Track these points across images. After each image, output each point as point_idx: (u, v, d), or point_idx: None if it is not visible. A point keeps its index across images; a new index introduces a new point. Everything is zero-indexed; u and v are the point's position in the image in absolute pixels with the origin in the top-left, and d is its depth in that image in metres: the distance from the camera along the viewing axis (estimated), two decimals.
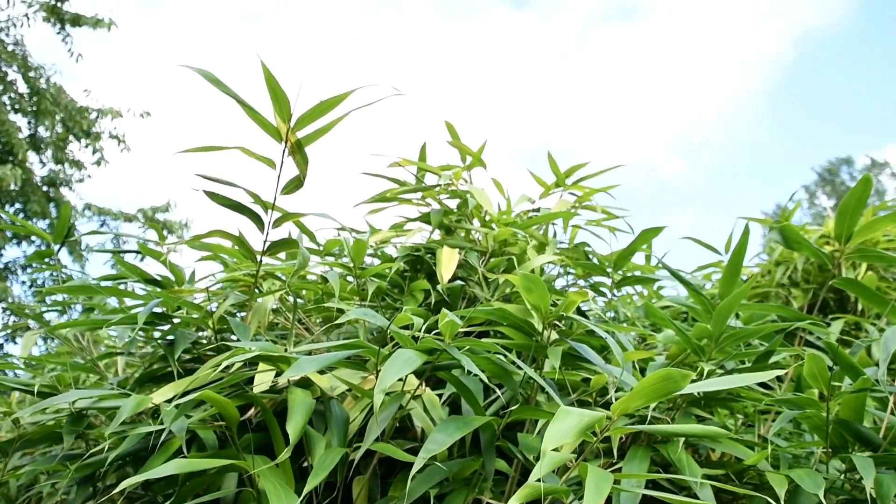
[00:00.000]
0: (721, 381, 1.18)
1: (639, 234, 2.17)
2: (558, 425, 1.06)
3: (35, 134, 11.90)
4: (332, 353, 1.35)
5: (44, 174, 11.97)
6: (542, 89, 33.14)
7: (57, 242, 2.57)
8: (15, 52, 11.51)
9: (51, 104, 11.40)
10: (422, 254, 2.04)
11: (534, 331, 1.59)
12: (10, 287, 10.81)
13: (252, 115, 1.57)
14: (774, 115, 38.56)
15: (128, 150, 12.06)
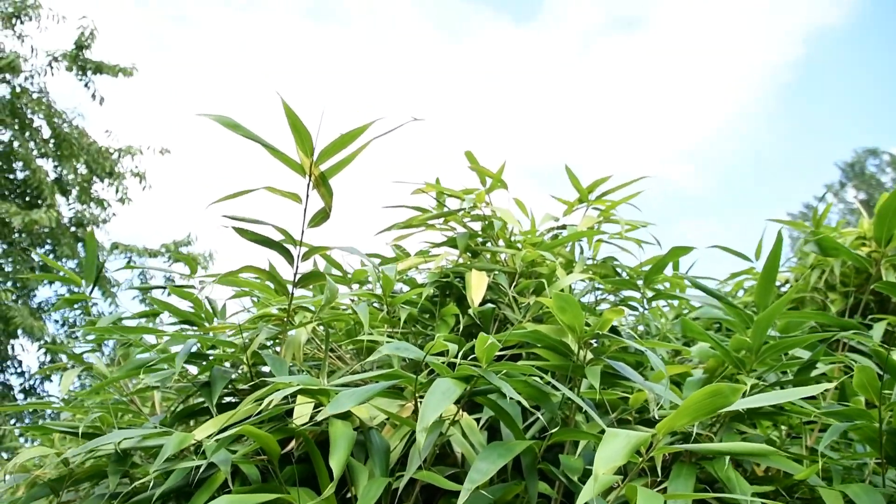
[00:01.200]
0: (769, 396, 1.17)
1: (668, 251, 2.16)
2: (608, 448, 1.06)
3: (61, 177, 12.13)
4: (371, 385, 1.35)
5: (71, 215, 12.17)
6: (547, 104, 33.12)
7: (88, 283, 2.58)
8: (40, 99, 11.76)
9: (75, 148, 11.61)
10: (450, 279, 2.05)
11: (569, 351, 1.59)
12: (45, 325, 10.95)
13: (275, 153, 1.59)
14: (786, 117, 38.15)
15: (149, 188, 12.24)
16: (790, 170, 20.92)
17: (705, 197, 33.82)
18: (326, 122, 1.57)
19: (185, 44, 22.73)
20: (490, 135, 7.17)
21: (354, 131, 1.54)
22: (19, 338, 11.88)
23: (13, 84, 11.66)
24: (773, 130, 36.93)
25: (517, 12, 36.95)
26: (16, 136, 11.70)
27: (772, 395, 1.18)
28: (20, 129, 11.66)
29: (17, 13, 11.64)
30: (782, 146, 35.82)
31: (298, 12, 26.20)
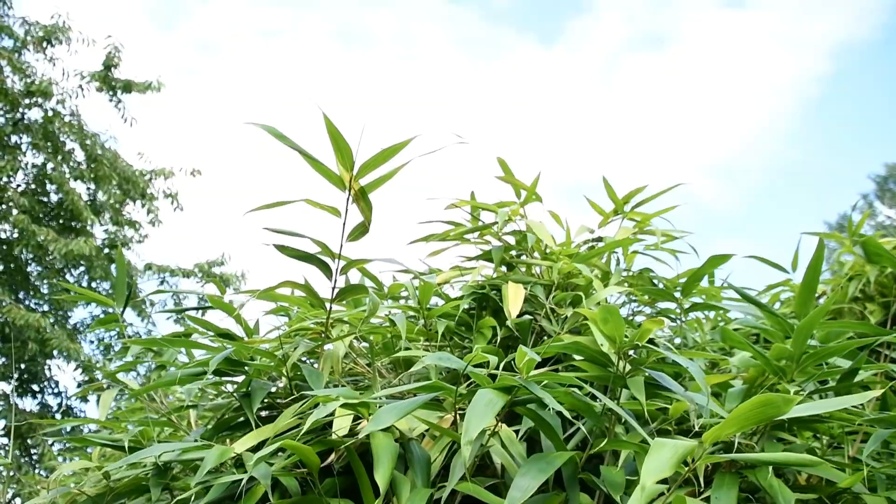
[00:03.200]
0: (818, 404, 1.16)
1: (706, 260, 2.14)
2: (655, 458, 1.06)
3: (94, 199, 12.34)
4: (412, 399, 1.36)
5: (104, 237, 12.37)
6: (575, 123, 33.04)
7: (119, 304, 2.60)
8: (71, 122, 12.00)
9: (108, 169, 11.82)
10: (486, 291, 2.05)
11: (608, 361, 1.58)
12: (81, 346, 11.11)
13: (315, 165, 1.61)
14: (814, 133, 37.68)
15: (181, 209, 12.41)
16: (819, 186, 20.66)
17: (734, 214, 33.47)
18: (360, 139, 1.59)
19: (212, 69, 23.05)
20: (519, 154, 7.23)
21: (396, 146, 1.56)
22: (55, 358, 12.06)
23: (46, 108, 11.92)
24: (801, 146, 36.56)
25: (541, 33, 37.05)
26: (49, 159, 11.94)
27: (820, 404, 1.17)
28: (53, 153, 11.90)
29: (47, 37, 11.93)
30: (811, 162, 35.36)
31: (326, 37, 26.48)
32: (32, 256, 12.05)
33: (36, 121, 11.93)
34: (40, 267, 12.42)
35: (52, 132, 11.81)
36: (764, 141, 35.91)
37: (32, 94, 11.53)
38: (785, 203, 37.17)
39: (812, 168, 36.51)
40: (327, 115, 1.52)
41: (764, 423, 1.15)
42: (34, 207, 11.78)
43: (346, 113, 1.56)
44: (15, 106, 11.71)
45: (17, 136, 12.00)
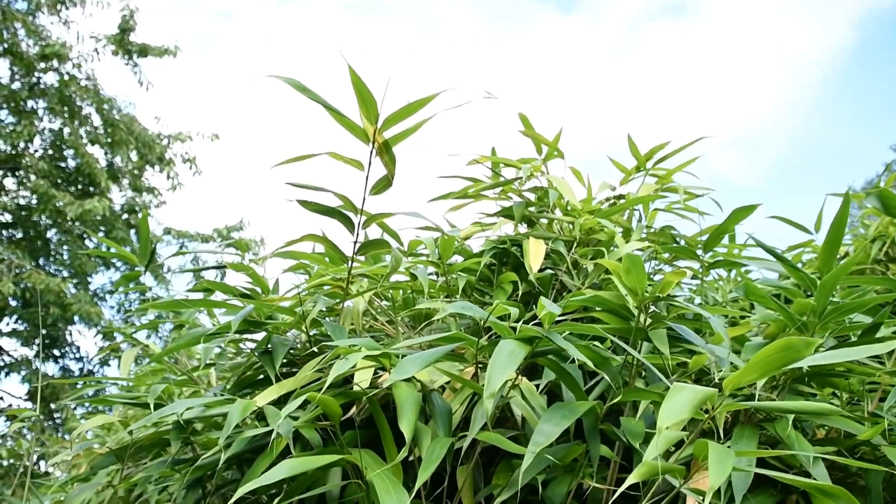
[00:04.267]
0: (839, 353, 1.14)
1: (729, 214, 2.11)
2: (673, 401, 1.05)
3: (112, 164, 12.37)
4: (434, 349, 1.36)
5: (123, 202, 12.42)
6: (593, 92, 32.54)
7: (142, 263, 2.62)
8: (87, 86, 11.99)
9: (125, 134, 11.83)
10: (507, 246, 2.04)
11: (630, 314, 1.57)
12: (101, 311, 11.22)
13: (339, 118, 1.60)
14: (837, 104, 36.97)
15: (199, 174, 12.42)
16: (842, 159, 20.37)
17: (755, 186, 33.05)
18: (384, 93, 1.57)
19: (228, 35, 22.98)
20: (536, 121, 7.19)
21: (422, 100, 1.54)
22: (76, 324, 12.21)
23: (61, 72, 11.91)
24: (823, 118, 35.90)
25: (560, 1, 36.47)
26: (66, 124, 11.96)
27: (842, 352, 1.15)
28: (70, 118, 11.92)
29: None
30: (833, 134, 34.76)
31: (344, 5, 26.29)
32: (52, 222, 12.15)
33: (52, 85, 11.94)
34: (60, 233, 12.52)
35: (69, 96, 11.82)
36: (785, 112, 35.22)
37: (47, 57, 11.51)
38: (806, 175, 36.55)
39: (834, 140, 35.84)
40: (351, 66, 1.51)
41: (784, 370, 1.13)
42: (52, 172, 11.84)
43: (364, 76, 1.55)
44: (30, 70, 11.72)
45: (34, 101, 12.03)
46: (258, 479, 1.23)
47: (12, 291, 10.40)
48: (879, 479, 1.42)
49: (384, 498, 1.21)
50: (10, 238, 12.12)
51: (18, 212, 12.02)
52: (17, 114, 11.78)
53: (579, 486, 1.57)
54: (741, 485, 1.35)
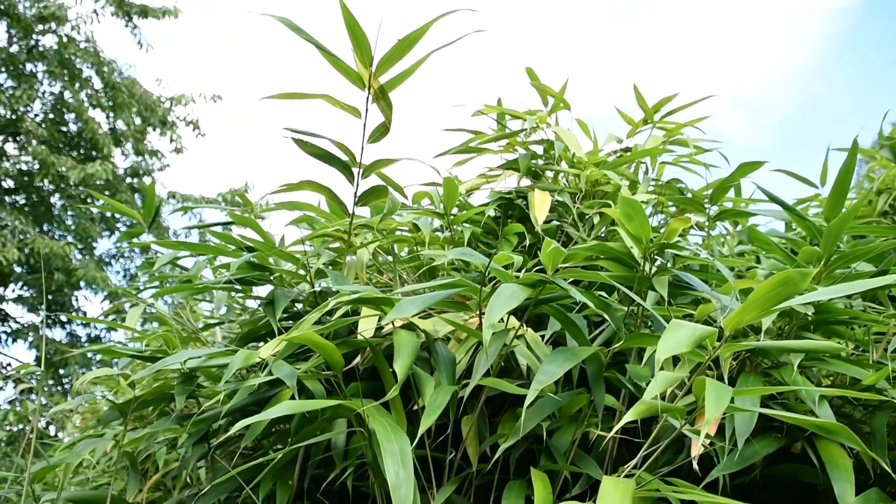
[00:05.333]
0: (840, 287, 1.12)
1: (736, 168, 2.09)
2: (671, 336, 1.03)
3: (114, 128, 12.31)
4: (435, 292, 1.34)
5: (126, 166, 12.37)
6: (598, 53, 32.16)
7: (146, 221, 2.61)
8: (87, 48, 11.88)
9: (127, 97, 11.75)
10: (513, 197, 2.02)
11: (634, 263, 1.55)
12: (107, 276, 11.25)
13: (333, 61, 1.56)
14: (841, 66, 36.58)
15: (202, 136, 12.36)
16: (846, 120, 20.06)
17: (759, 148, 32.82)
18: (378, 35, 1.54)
19: None
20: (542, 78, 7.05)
21: (414, 34, 1.50)
22: (82, 289, 12.23)
23: (60, 34, 11.79)
24: (827, 79, 35.56)
25: None
26: (66, 87, 11.87)
27: (843, 287, 1.13)
28: (70, 80, 11.83)
29: None
30: (837, 96, 34.41)
31: None
32: (54, 188, 12.12)
33: (50, 48, 11.83)
34: (63, 198, 12.50)
35: (68, 59, 11.72)
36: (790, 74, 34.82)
37: (45, 19, 11.38)
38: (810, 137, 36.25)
39: (838, 101, 35.47)
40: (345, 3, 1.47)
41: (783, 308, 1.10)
42: (53, 137, 11.78)
43: (362, 24, 1.50)
44: (28, 32, 11.60)
45: (33, 65, 11.93)
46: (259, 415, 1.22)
47: (17, 257, 10.42)
48: (884, 423, 1.42)
49: (385, 444, 1.21)
50: (13, 204, 12.11)
51: (21, 177, 11.99)
52: (16, 78, 11.69)
53: (584, 436, 1.57)
54: (743, 428, 1.34)
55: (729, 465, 1.41)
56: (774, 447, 1.46)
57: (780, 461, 1.56)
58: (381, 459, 1.20)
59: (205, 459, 2.06)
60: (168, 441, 2.31)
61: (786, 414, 1.09)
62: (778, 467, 1.56)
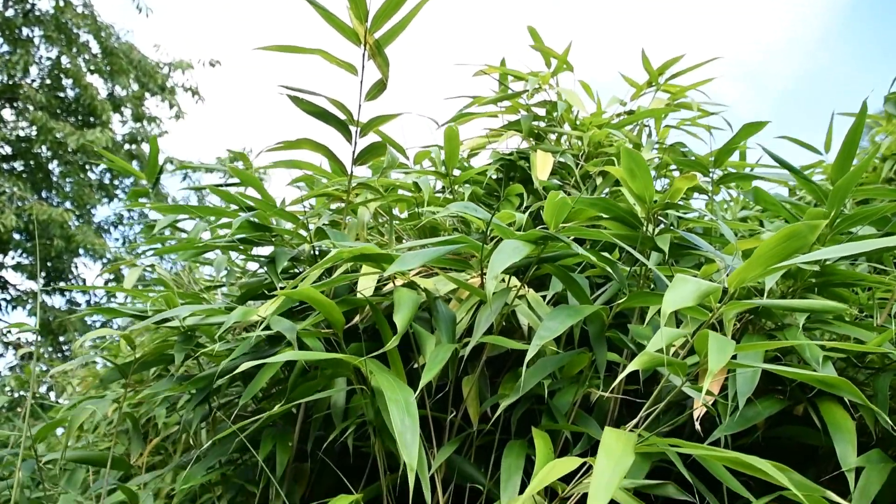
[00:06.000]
0: (845, 247, 1.10)
1: (740, 129, 2.06)
2: (676, 290, 1.01)
3: (112, 93, 12.22)
4: (437, 248, 1.32)
5: (125, 132, 12.31)
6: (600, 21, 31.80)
7: (150, 181, 2.59)
8: (84, 12, 11.75)
9: (125, 63, 11.65)
10: (514, 158, 2.00)
11: (637, 222, 1.54)
12: (106, 243, 11.23)
13: (328, 17, 1.53)
14: (844, 36, 36.21)
15: (202, 101, 12.28)
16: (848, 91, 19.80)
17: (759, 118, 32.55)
18: None
19: None
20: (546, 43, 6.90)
21: None
22: (81, 256, 12.23)
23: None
24: (830, 50, 35.24)
25: None
26: (63, 52, 11.77)
27: (849, 246, 1.10)
28: (67, 45, 11.71)
29: None
30: (840, 67, 34.16)
31: None
32: (52, 154, 12.05)
33: (47, 12, 11.70)
34: (61, 165, 12.45)
35: (65, 24, 11.59)
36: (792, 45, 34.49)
37: None
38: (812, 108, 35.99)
39: (841, 72, 35.17)
40: None
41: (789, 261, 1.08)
42: (51, 103, 11.69)
43: None
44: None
45: (29, 29, 11.80)
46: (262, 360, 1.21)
47: (15, 224, 10.39)
48: (886, 384, 1.41)
49: (390, 394, 1.20)
50: (10, 170, 12.05)
51: (18, 143, 11.92)
52: (12, 43, 11.57)
53: (585, 397, 1.56)
54: (746, 387, 1.34)
55: (731, 426, 1.40)
56: (777, 408, 1.46)
57: (783, 423, 1.56)
58: (386, 411, 1.20)
59: (205, 422, 2.06)
60: (168, 403, 2.31)
61: (788, 369, 1.07)
62: (780, 429, 1.55)
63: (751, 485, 1.41)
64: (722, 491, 1.43)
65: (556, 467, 1.06)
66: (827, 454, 1.56)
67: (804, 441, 1.52)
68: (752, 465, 1.00)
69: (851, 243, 1.12)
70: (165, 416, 2.62)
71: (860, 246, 1.11)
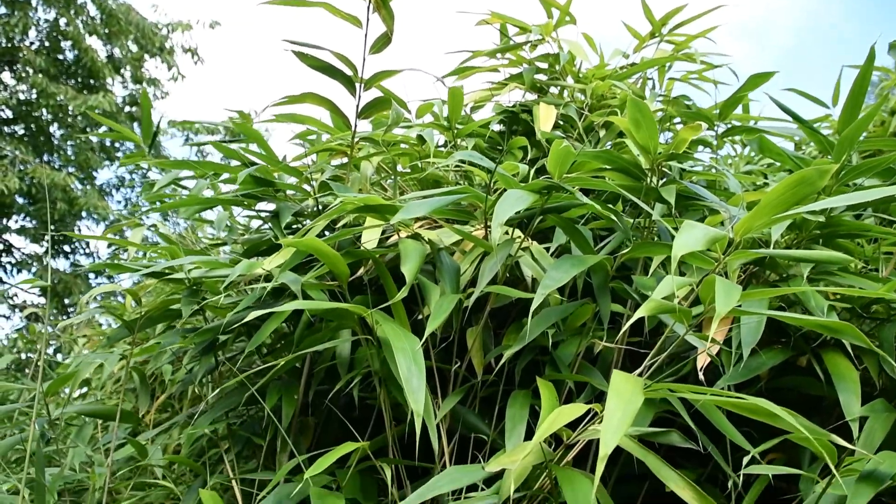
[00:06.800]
0: (852, 196, 1.09)
1: (746, 80, 2.03)
2: (686, 234, 1.01)
3: (112, 56, 12.12)
4: (441, 197, 1.32)
5: (125, 94, 12.24)
6: None
7: (146, 142, 2.57)
8: None
9: (123, 24, 11.54)
10: (517, 111, 1.98)
11: (641, 174, 1.53)
12: (108, 205, 11.23)
13: None
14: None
15: (201, 62, 12.18)
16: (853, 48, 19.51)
17: None
18: None
19: None
20: None
21: None
22: (85, 219, 12.24)
23: None
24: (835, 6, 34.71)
25: None
26: (62, 14, 11.65)
27: (855, 195, 1.10)
28: (65, 6, 11.59)
29: None
30: (846, 23, 33.67)
31: None
32: (53, 117, 12.00)
33: None
34: (62, 128, 12.40)
35: None
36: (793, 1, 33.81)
37: None
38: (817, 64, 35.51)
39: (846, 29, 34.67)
40: None
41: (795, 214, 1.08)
42: (51, 67, 11.61)
43: None
44: None
45: None
46: (269, 309, 1.22)
47: (18, 187, 10.38)
48: (892, 334, 1.41)
49: (396, 343, 1.20)
50: (11, 134, 12.01)
51: (19, 107, 11.86)
52: (9, 4, 11.45)
53: (589, 349, 1.57)
54: (750, 337, 1.34)
55: (734, 376, 1.41)
56: (780, 359, 1.46)
57: (786, 374, 1.57)
58: (392, 361, 1.20)
59: (211, 375, 2.07)
60: (174, 357, 2.32)
61: (793, 315, 1.07)
62: (783, 379, 1.56)
63: (754, 436, 1.42)
64: (724, 444, 1.45)
65: (563, 413, 1.07)
66: (830, 406, 1.57)
67: (807, 392, 1.53)
68: (757, 409, 1.00)
69: (857, 192, 1.11)
70: (171, 374, 2.64)
71: (866, 195, 1.10)
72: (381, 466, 1.42)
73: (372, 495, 1.58)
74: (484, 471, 1.17)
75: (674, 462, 1.28)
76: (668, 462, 1.21)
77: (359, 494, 1.52)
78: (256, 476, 1.65)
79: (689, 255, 1.30)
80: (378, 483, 1.63)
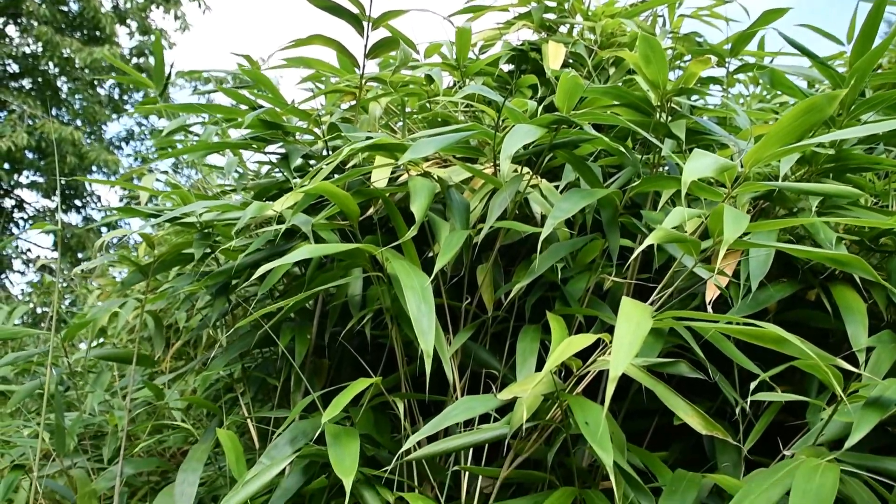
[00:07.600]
0: (863, 128, 1.09)
1: (759, 16, 2.00)
2: (696, 161, 1.02)
3: (117, 6, 12.00)
4: (450, 134, 1.32)
5: (132, 45, 12.14)
6: None
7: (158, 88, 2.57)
8: None
9: None
10: (526, 49, 1.97)
11: (651, 109, 1.52)
12: (118, 158, 11.24)
13: None
14: None
15: (208, 11, 12.04)
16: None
17: None
18: None
19: None
20: None
21: None
22: (95, 173, 12.26)
23: None
24: None
25: None
26: None
27: (866, 127, 1.09)
28: None
29: None
30: None
31: None
32: (60, 70, 11.93)
33: None
34: (69, 81, 12.34)
35: None
36: None
37: None
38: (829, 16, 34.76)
39: None
40: None
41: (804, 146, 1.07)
42: (55, 18, 11.50)
43: None
44: None
45: None
46: (281, 259, 1.23)
47: (27, 142, 10.38)
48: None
49: (406, 281, 1.22)
50: (19, 88, 11.97)
51: (25, 60, 11.80)
52: None
53: (598, 285, 1.58)
54: (758, 270, 1.35)
55: (742, 309, 1.42)
56: (789, 291, 1.47)
57: (794, 307, 1.58)
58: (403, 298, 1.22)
59: (224, 319, 2.10)
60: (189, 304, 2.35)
61: (802, 248, 1.08)
62: (791, 313, 1.57)
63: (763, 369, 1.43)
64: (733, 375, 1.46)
65: (573, 343, 1.08)
66: (837, 342, 1.58)
67: (815, 325, 1.54)
68: (765, 335, 1.01)
69: (868, 124, 1.10)
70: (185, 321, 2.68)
71: (877, 126, 1.10)
72: (394, 401, 1.45)
73: (385, 431, 1.61)
74: (497, 399, 1.19)
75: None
76: None
77: (372, 430, 1.55)
78: (272, 414, 1.68)
79: (699, 188, 1.30)
80: (391, 419, 1.66)
